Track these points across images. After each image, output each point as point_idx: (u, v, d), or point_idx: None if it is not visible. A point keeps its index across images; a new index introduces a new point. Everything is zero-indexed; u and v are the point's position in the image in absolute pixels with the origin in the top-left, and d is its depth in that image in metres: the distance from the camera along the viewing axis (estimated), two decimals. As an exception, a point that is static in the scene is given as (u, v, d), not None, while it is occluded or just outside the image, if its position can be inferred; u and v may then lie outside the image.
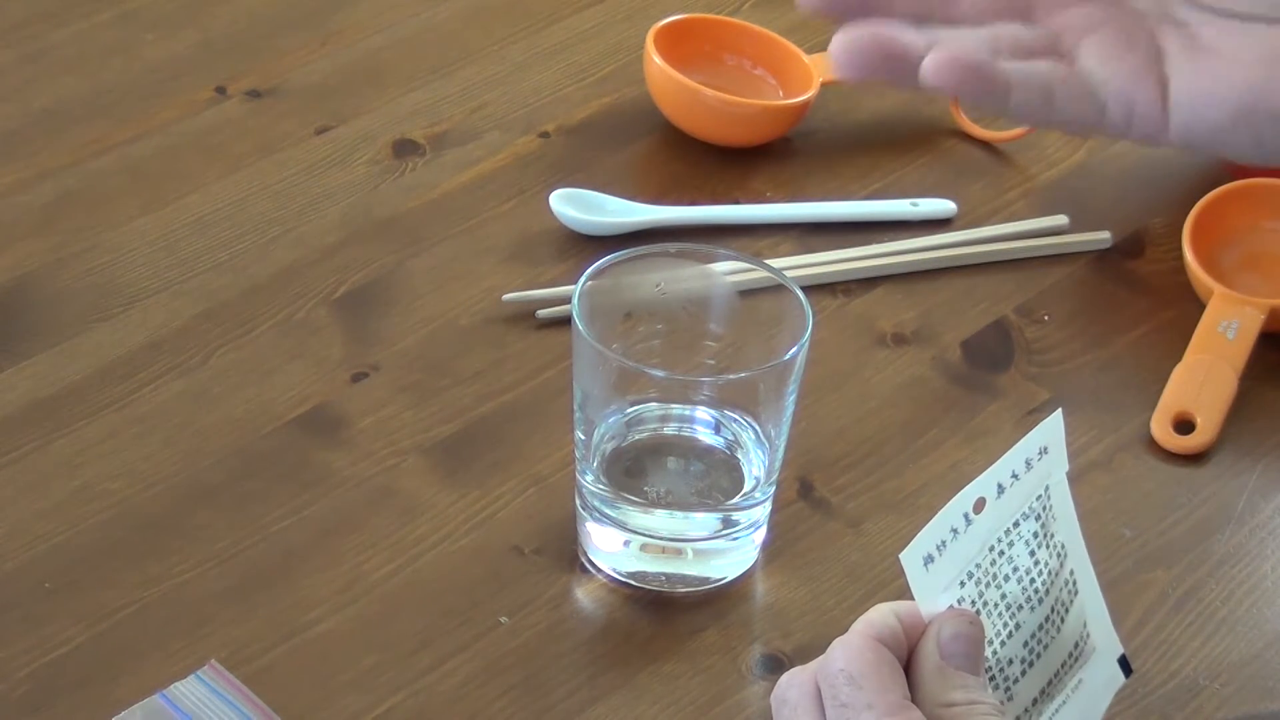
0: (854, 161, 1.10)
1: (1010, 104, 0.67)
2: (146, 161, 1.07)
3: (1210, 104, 0.69)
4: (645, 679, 0.83)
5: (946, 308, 1.02)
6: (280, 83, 1.13)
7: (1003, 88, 0.66)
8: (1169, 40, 0.70)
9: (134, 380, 0.94)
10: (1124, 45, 0.70)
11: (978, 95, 0.66)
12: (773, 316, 0.86)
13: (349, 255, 1.02)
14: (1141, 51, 0.70)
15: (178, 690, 0.80)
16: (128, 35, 1.16)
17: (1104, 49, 0.70)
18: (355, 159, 1.08)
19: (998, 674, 0.70)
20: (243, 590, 0.85)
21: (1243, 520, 0.91)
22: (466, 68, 1.15)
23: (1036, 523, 0.70)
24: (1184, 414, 0.95)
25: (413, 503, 0.90)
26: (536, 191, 1.06)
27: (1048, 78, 0.68)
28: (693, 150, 1.10)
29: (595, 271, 0.85)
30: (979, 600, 0.69)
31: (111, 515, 0.88)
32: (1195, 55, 0.70)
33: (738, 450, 0.87)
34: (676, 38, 1.10)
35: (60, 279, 1.00)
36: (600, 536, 0.86)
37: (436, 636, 0.84)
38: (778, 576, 0.88)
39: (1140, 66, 0.69)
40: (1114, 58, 0.70)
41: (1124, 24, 0.71)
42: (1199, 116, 0.69)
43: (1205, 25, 0.71)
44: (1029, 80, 0.67)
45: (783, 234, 1.05)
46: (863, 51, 0.67)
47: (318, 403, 0.94)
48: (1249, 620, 0.87)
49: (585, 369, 0.83)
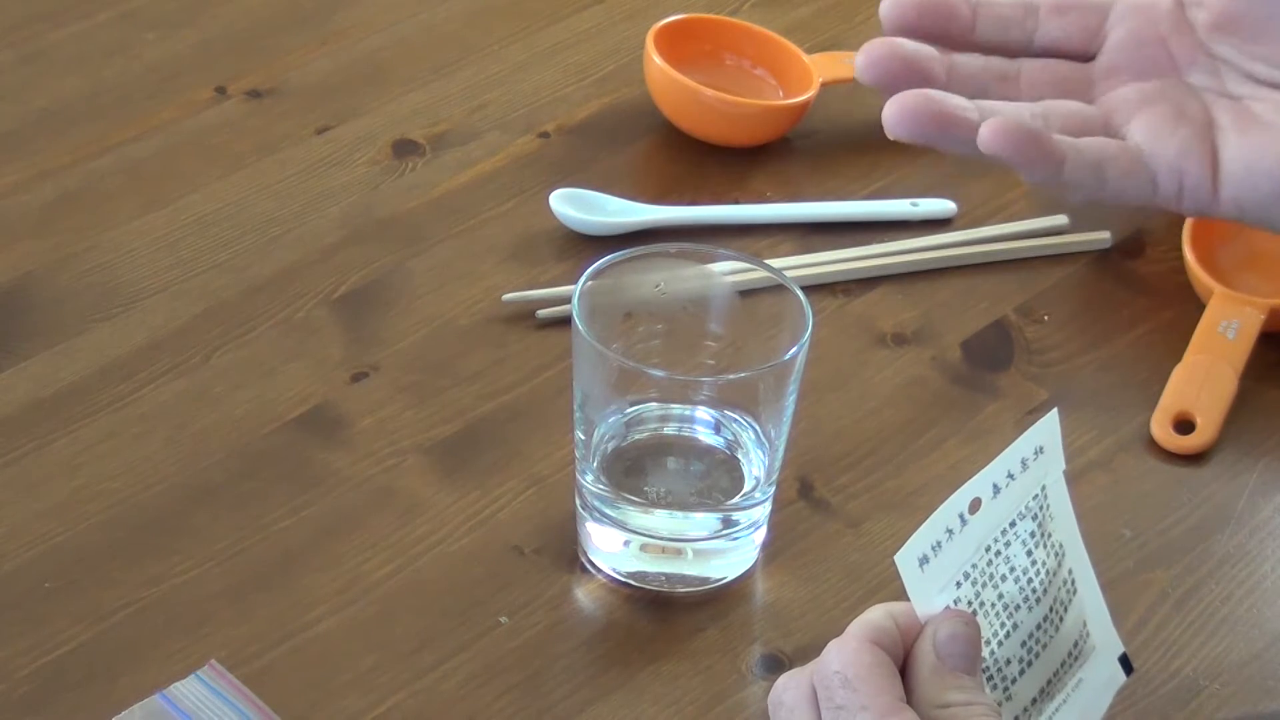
0: (854, 161, 1.10)
1: (1064, 176, 0.67)
2: (146, 161, 1.07)
3: (1261, 176, 0.70)
4: (645, 679, 0.83)
5: (946, 308, 1.02)
6: (280, 83, 1.13)
7: (1057, 158, 0.67)
8: (1222, 113, 0.71)
9: (134, 380, 0.94)
10: (1175, 119, 0.71)
11: (1033, 164, 0.67)
12: (773, 316, 0.86)
13: (349, 255, 1.02)
14: (1193, 124, 0.71)
15: (178, 690, 0.80)
16: (128, 35, 1.16)
17: (1156, 123, 0.71)
18: (355, 159, 1.08)
19: (995, 674, 0.70)
20: (243, 590, 0.85)
21: (1243, 520, 0.91)
22: (466, 68, 1.15)
23: (1033, 522, 0.70)
24: (1184, 414, 0.95)
25: (413, 503, 0.90)
26: (536, 191, 1.06)
27: (1100, 152, 0.69)
28: (693, 150, 1.10)
29: (595, 271, 0.85)
30: (975, 601, 0.69)
31: (111, 515, 0.88)
32: (1246, 128, 0.71)
33: (738, 450, 0.87)
34: (676, 38, 1.10)
35: (60, 279, 1.00)
36: (600, 536, 0.86)
37: (436, 636, 0.84)
38: (778, 576, 0.88)
39: (1191, 140, 0.70)
40: (1165, 132, 0.70)
41: (1177, 98, 0.72)
42: (1250, 189, 0.70)
43: (1260, 100, 0.72)
44: (1081, 154, 0.68)
45: (783, 234, 1.05)
46: (916, 114, 0.68)
47: (318, 403, 0.94)
48: (1249, 620, 0.87)
49: (585, 369, 0.84)
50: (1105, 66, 0.73)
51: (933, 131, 0.68)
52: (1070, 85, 0.73)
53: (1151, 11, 0.74)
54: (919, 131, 0.68)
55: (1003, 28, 0.74)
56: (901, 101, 0.68)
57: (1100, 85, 0.73)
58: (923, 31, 0.72)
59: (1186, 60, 0.73)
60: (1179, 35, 0.73)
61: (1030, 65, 0.74)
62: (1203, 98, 0.72)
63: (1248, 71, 0.72)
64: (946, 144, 0.68)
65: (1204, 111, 0.71)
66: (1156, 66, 0.73)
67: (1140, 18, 0.74)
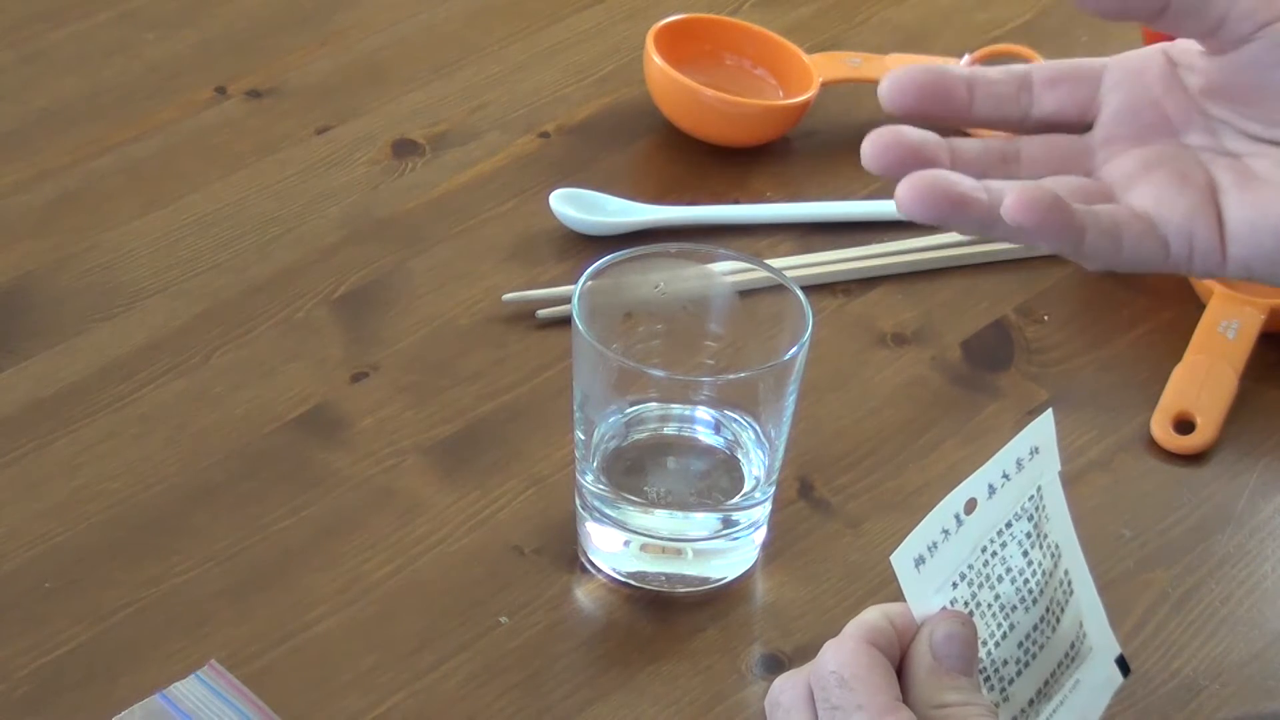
0: (854, 161, 1.07)
1: (1085, 246, 0.67)
2: (146, 161, 1.07)
3: (1266, 234, 0.70)
4: (645, 679, 0.83)
5: (946, 308, 1.02)
6: (280, 83, 1.13)
7: (1080, 228, 0.67)
8: (1222, 173, 0.72)
9: (134, 380, 0.95)
10: (1179, 184, 0.72)
11: (1057, 234, 0.67)
12: (773, 316, 0.86)
13: (349, 255, 1.02)
14: (1196, 188, 0.71)
15: (178, 690, 0.80)
16: (128, 35, 1.16)
17: (1160, 190, 0.71)
18: (355, 159, 1.08)
19: (992, 674, 0.70)
20: (243, 590, 0.85)
21: (1243, 520, 0.91)
22: (466, 68, 1.15)
23: (1029, 523, 0.70)
24: (1184, 414, 0.95)
25: (413, 503, 0.90)
26: (536, 191, 1.06)
27: (1115, 219, 0.69)
28: (693, 150, 1.10)
29: (595, 271, 0.85)
30: (972, 601, 0.69)
31: (111, 515, 0.88)
32: (1248, 187, 0.71)
33: (738, 450, 0.87)
34: (676, 38, 1.10)
35: (60, 279, 1.00)
36: (600, 536, 0.86)
37: (436, 636, 0.84)
38: (778, 576, 0.88)
39: (1196, 204, 0.71)
40: (1171, 197, 0.71)
41: (1178, 162, 0.72)
42: (1255, 247, 0.70)
43: (1258, 156, 0.72)
44: (1099, 222, 0.68)
45: (783, 234, 1.05)
46: (929, 195, 0.69)
47: (318, 403, 0.94)
48: (1249, 620, 0.87)
49: (585, 369, 0.84)
50: (1103, 135, 0.74)
51: (946, 210, 0.69)
52: (1070, 158, 0.74)
53: (1144, 77, 0.74)
54: (932, 212, 0.69)
55: (999, 104, 0.75)
56: (914, 183, 0.68)
57: (1100, 154, 0.74)
58: (922, 111, 0.73)
59: (1183, 122, 0.74)
60: (1173, 98, 0.74)
61: (1029, 144, 0.74)
62: (1202, 159, 0.73)
63: (1243, 130, 0.73)
64: (958, 223, 0.69)
65: (1205, 173, 0.72)
66: (1154, 131, 0.74)
67: (1133, 84, 0.75)
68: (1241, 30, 0.70)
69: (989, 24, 1.21)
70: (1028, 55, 1.11)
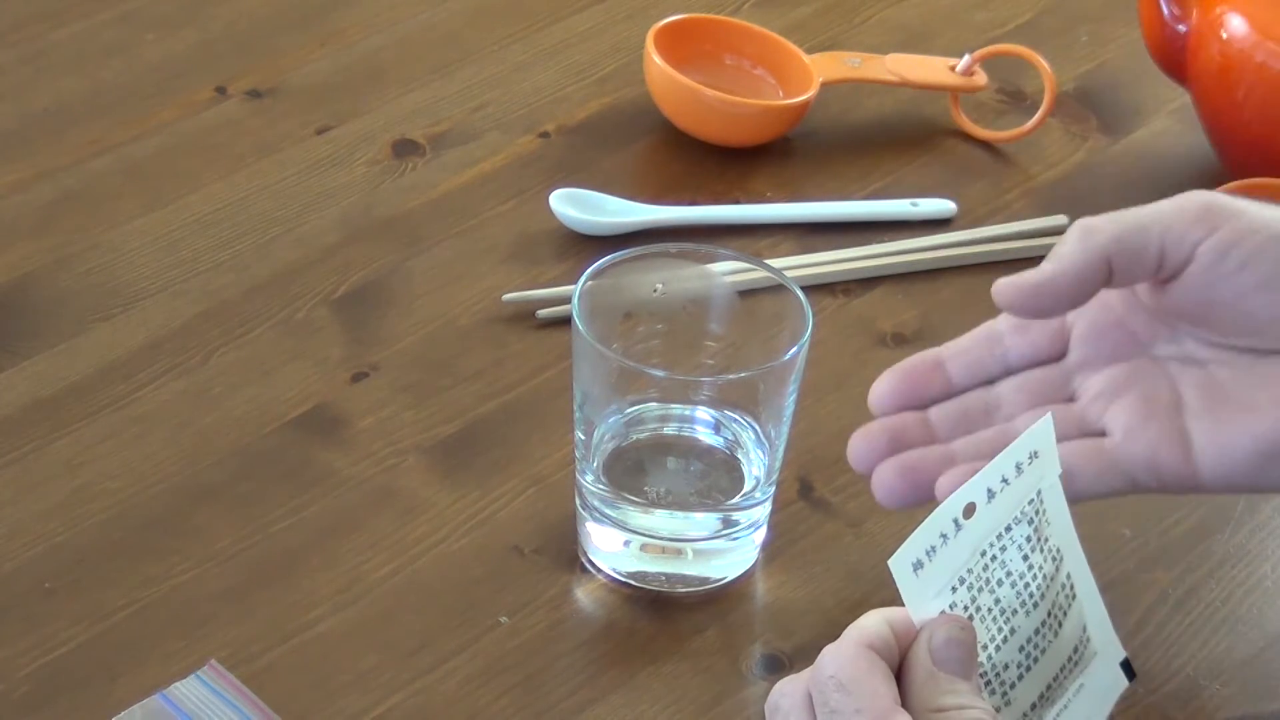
0: (854, 161, 1.10)
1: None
2: (146, 161, 1.07)
3: (1234, 452, 0.74)
4: (645, 679, 0.83)
5: (946, 308, 1.02)
6: (280, 83, 1.13)
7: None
8: (1188, 389, 0.76)
9: (134, 380, 0.95)
10: (1145, 412, 0.76)
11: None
12: (773, 316, 0.86)
13: (349, 255, 1.02)
14: (1162, 414, 0.75)
15: (178, 690, 0.80)
16: (128, 35, 1.16)
17: (1126, 418, 0.76)
18: (355, 159, 1.08)
19: (994, 679, 0.70)
20: (243, 590, 0.85)
21: (1243, 521, 0.91)
22: (466, 68, 1.15)
23: (1029, 527, 0.70)
24: (1184, 414, 0.95)
25: (413, 503, 0.90)
26: (536, 191, 1.06)
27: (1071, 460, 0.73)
28: (693, 150, 1.10)
29: (595, 271, 0.85)
30: (971, 605, 0.69)
31: (111, 515, 0.88)
32: (1213, 406, 0.75)
33: (738, 450, 0.87)
34: (676, 38, 1.10)
35: (60, 279, 1.00)
36: (600, 536, 0.86)
37: (436, 636, 0.84)
38: (778, 576, 0.88)
39: (1161, 434, 0.75)
40: (1136, 428, 0.76)
41: (1145, 383, 0.77)
42: (1227, 464, 0.74)
43: (1220, 364, 0.76)
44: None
45: (783, 234, 1.05)
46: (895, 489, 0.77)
47: (318, 403, 0.94)
48: (1249, 620, 0.87)
49: (585, 369, 0.84)
50: (1077, 359, 0.79)
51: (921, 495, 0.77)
52: (1048, 389, 0.79)
53: (1106, 298, 0.79)
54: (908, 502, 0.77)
55: (976, 368, 0.80)
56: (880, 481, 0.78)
57: (1076, 378, 0.79)
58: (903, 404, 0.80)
59: (1148, 336, 0.78)
60: (1136, 316, 0.78)
61: (1006, 387, 0.80)
62: (1170, 373, 0.77)
63: (1204, 339, 0.77)
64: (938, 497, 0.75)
65: (1172, 391, 0.76)
66: (1123, 349, 0.78)
67: (1097, 308, 0.79)
68: (1180, 256, 0.74)
69: (989, 24, 1.21)
70: (1028, 55, 1.11)
